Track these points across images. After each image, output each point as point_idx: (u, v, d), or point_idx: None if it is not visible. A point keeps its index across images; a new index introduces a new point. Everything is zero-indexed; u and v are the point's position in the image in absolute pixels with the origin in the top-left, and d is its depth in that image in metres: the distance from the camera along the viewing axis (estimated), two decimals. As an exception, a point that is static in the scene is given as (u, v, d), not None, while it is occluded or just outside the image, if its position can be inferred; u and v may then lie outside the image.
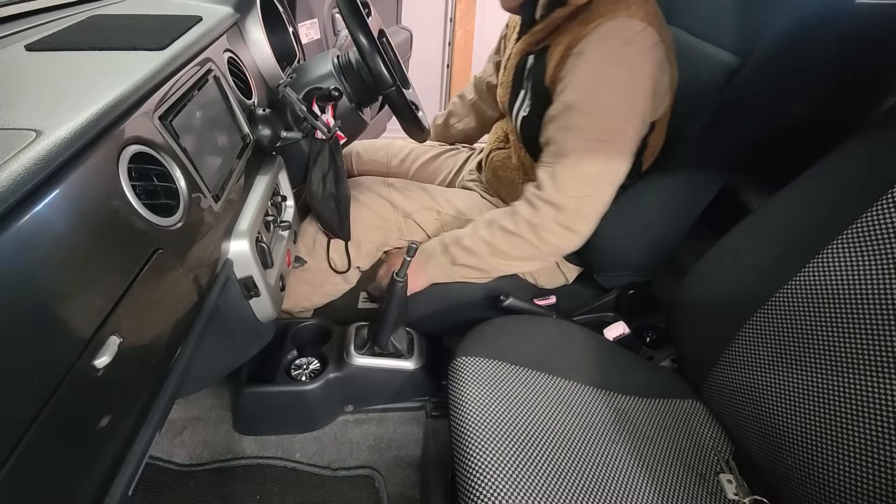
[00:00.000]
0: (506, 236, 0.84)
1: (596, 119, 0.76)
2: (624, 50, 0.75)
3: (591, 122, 0.77)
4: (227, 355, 0.81)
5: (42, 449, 0.34)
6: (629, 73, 0.76)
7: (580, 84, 0.77)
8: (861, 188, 0.61)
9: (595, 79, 0.76)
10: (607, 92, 0.76)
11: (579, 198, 0.79)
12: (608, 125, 0.77)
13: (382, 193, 1.01)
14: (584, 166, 0.78)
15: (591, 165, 0.78)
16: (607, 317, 1.06)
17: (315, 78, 0.85)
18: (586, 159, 0.78)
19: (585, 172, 0.78)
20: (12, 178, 0.34)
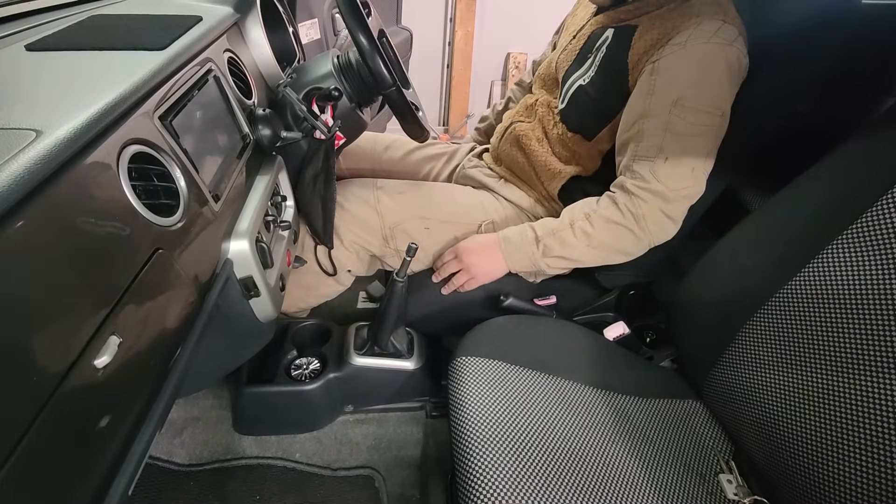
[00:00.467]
0: (609, 227, 0.84)
1: (701, 115, 0.78)
2: (727, 49, 0.77)
3: (697, 117, 0.78)
4: (227, 355, 0.80)
5: (42, 449, 0.34)
6: (728, 71, 0.78)
7: (686, 79, 0.78)
8: (861, 188, 0.61)
9: (701, 74, 0.78)
10: (712, 86, 0.78)
11: (683, 189, 0.81)
12: (710, 120, 0.79)
13: (370, 200, 0.99)
14: (689, 159, 0.80)
15: (695, 158, 0.80)
16: (607, 317, 1.06)
17: (315, 78, 0.85)
18: (692, 153, 0.80)
19: (692, 164, 0.80)
20: (12, 177, 0.34)
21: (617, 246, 0.86)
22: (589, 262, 0.88)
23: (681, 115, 0.78)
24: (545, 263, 0.88)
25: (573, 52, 0.95)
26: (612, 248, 0.86)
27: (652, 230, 0.83)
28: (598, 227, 0.84)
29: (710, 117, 0.79)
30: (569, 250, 0.86)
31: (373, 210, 0.98)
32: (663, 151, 0.79)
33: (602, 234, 0.84)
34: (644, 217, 0.82)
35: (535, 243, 0.87)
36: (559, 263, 0.88)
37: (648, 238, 0.84)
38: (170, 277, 0.51)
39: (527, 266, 0.90)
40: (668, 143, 0.79)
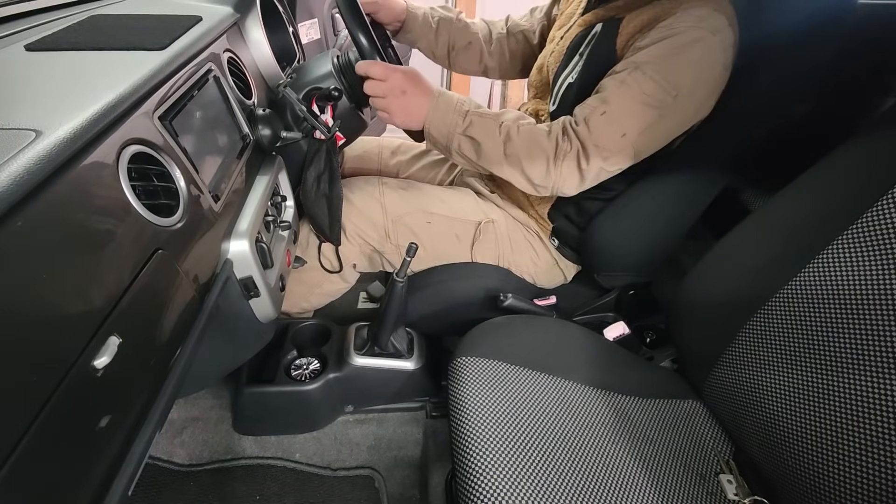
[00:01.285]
0: (531, 143, 0.80)
1: (656, 86, 0.76)
2: (710, 38, 0.75)
3: (650, 86, 0.76)
4: (227, 355, 0.80)
5: (42, 449, 0.34)
6: (706, 61, 0.76)
7: (656, 51, 0.76)
8: (861, 188, 0.61)
9: (674, 51, 0.75)
10: (680, 67, 0.75)
11: (605, 149, 0.78)
12: (661, 95, 0.76)
13: (375, 194, 0.99)
14: (624, 123, 0.77)
15: (630, 125, 0.77)
16: (607, 317, 1.06)
17: (315, 78, 0.85)
18: (629, 118, 0.77)
19: (624, 129, 0.77)
20: (12, 177, 0.34)
21: (526, 166, 0.81)
22: (493, 166, 0.83)
23: (636, 79, 0.76)
24: (458, 142, 0.82)
25: (560, 53, 0.95)
26: (521, 167, 0.82)
27: (562, 173, 0.81)
28: (522, 136, 0.81)
29: (663, 93, 0.76)
30: (486, 139, 0.81)
31: (377, 203, 0.98)
32: (605, 104, 0.78)
33: (521, 145, 0.80)
34: (563, 155, 0.79)
35: (463, 114, 0.81)
36: (468, 150, 0.83)
37: (554, 178, 0.81)
38: (170, 278, 0.51)
39: (442, 133, 0.82)
40: (613, 98, 0.77)
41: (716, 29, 0.75)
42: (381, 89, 0.80)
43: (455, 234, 0.99)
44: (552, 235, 1.03)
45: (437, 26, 1.13)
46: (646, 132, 0.79)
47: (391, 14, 1.06)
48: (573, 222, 0.99)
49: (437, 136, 0.83)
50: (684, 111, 0.80)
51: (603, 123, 0.77)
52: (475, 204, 1.03)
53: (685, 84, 0.76)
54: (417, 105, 0.81)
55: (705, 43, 0.75)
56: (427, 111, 0.81)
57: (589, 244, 0.98)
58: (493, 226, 1.00)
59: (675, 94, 0.76)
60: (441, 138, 0.83)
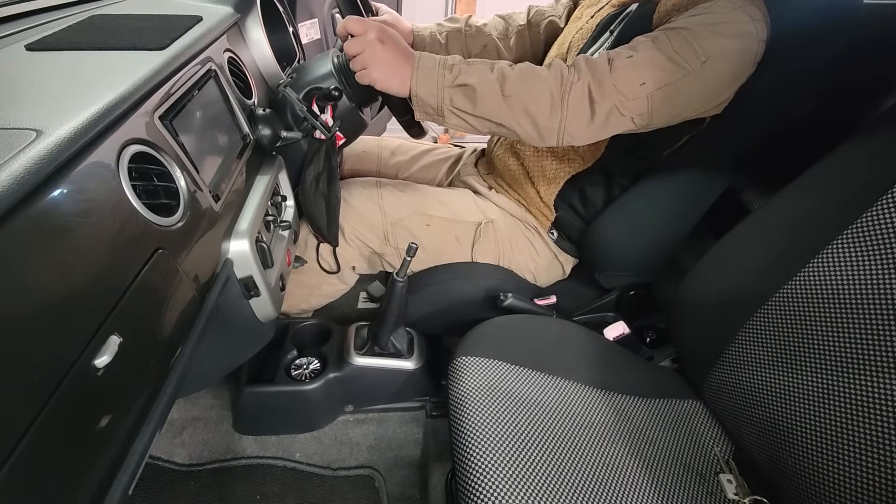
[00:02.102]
0: (531, 76, 0.74)
1: (687, 46, 0.73)
2: (749, 23, 0.74)
3: (681, 45, 0.73)
4: (227, 355, 0.80)
5: (42, 449, 0.34)
6: (741, 42, 0.75)
7: (694, 20, 0.74)
8: (861, 188, 0.61)
9: (712, 24, 0.74)
10: (715, 38, 0.73)
11: (621, 92, 0.73)
12: (693, 60, 0.73)
13: (373, 197, 0.99)
14: (646, 72, 0.73)
15: (652, 76, 0.73)
16: (607, 317, 1.06)
17: (315, 78, 0.85)
18: (653, 69, 0.73)
19: (644, 78, 0.73)
20: (13, 177, 0.34)
21: (529, 105, 0.73)
22: (493, 113, 0.75)
23: (669, 36, 0.74)
24: (449, 96, 0.74)
25: (588, 31, 0.92)
26: (523, 106, 0.74)
27: (569, 106, 0.73)
28: (518, 72, 0.74)
29: (692, 55, 0.73)
30: (479, 83, 0.73)
31: (375, 206, 0.98)
32: (634, 50, 0.74)
33: (519, 81, 0.73)
34: (570, 86, 0.73)
35: (448, 67, 0.75)
36: (462, 102, 0.75)
37: (560, 115, 0.74)
38: (170, 277, 0.51)
39: (429, 90, 0.75)
40: (642, 47, 0.74)
41: (754, 17, 0.74)
42: (359, 43, 0.74)
43: (455, 236, 0.99)
44: (552, 228, 1.02)
45: (446, 41, 1.10)
46: (665, 89, 0.74)
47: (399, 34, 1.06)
48: (577, 213, 0.99)
49: (424, 97, 0.75)
50: (707, 83, 0.76)
51: (626, 65, 0.73)
52: (474, 204, 1.03)
53: (716, 55, 0.73)
54: (397, 63, 0.74)
55: (743, 26, 0.74)
56: (410, 70, 0.75)
57: (591, 243, 0.98)
58: (493, 226, 1.00)
59: (704, 60, 0.73)
60: (430, 97, 0.75)
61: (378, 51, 0.73)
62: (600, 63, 0.74)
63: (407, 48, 0.76)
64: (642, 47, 0.75)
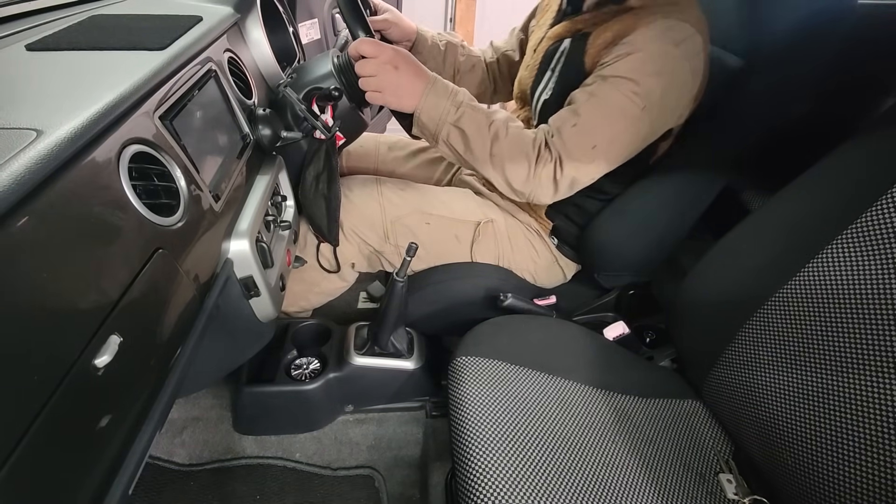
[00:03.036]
0: (516, 148, 0.80)
1: (624, 98, 0.77)
2: (672, 50, 0.77)
3: (617, 98, 0.77)
4: (227, 355, 0.80)
5: (42, 449, 0.34)
6: (670, 72, 0.77)
7: (621, 66, 0.78)
8: (861, 188, 0.61)
9: (637, 65, 0.77)
10: (645, 78, 0.77)
11: (577, 161, 0.79)
12: (633, 109, 0.77)
13: (373, 195, 0.99)
14: (593, 135, 0.78)
15: (600, 137, 0.79)
16: (607, 317, 1.06)
17: (315, 78, 0.86)
18: (599, 130, 0.78)
19: (594, 141, 0.78)
20: (13, 177, 0.34)
21: (508, 169, 0.81)
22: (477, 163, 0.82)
23: (605, 92, 0.78)
24: (447, 131, 0.80)
25: (534, 68, 0.96)
26: (503, 168, 0.81)
27: (540, 180, 0.81)
28: (509, 139, 0.80)
29: (632, 105, 0.77)
30: (475, 134, 0.80)
31: (376, 203, 0.98)
32: (576, 115, 0.79)
33: (507, 147, 0.80)
34: (544, 164, 0.80)
35: (456, 104, 0.80)
36: (456, 141, 0.81)
37: (532, 185, 0.82)
38: (170, 277, 0.51)
39: (433, 118, 0.80)
40: (583, 110, 0.79)
41: (678, 40, 0.77)
42: (372, 66, 0.77)
43: (454, 235, 0.99)
44: (551, 234, 1.03)
45: (444, 49, 1.15)
46: (616, 142, 0.80)
47: (401, 33, 1.07)
48: (573, 221, 0.99)
49: (426, 122, 0.80)
50: (654, 120, 0.81)
51: (573, 135, 0.79)
52: (474, 204, 1.03)
53: (652, 96, 0.78)
54: (411, 84, 0.78)
55: (667, 56, 0.77)
56: (422, 93, 0.78)
57: (589, 244, 0.98)
58: (493, 225, 1.00)
59: (643, 106, 0.78)
60: (431, 124, 0.80)
61: (392, 77, 0.77)
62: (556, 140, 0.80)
63: (420, 69, 0.80)
64: (583, 110, 0.79)
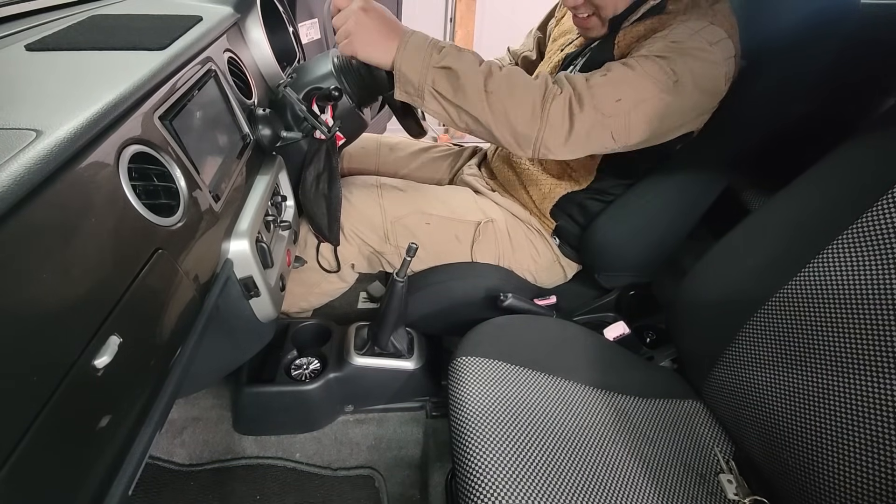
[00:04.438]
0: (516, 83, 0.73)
1: (657, 67, 0.74)
2: (708, 48, 0.75)
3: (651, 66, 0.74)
4: (227, 355, 0.80)
5: (42, 449, 0.34)
6: (704, 67, 0.76)
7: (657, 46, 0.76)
8: (861, 188, 0.61)
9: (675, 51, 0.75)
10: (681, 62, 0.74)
11: (599, 108, 0.73)
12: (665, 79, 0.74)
13: (373, 195, 0.99)
14: (622, 89, 0.74)
15: (628, 93, 0.74)
16: (607, 317, 1.06)
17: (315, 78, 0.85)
18: (628, 86, 0.74)
19: (620, 94, 0.74)
20: (13, 177, 0.34)
21: (509, 107, 0.72)
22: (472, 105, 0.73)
23: (638, 60, 0.76)
24: (432, 77, 0.72)
25: (557, 66, 0.96)
26: (503, 107, 0.72)
27: (549, 117, 0.73)
28: (506, 73, 0.73)
29: (664, 74, 0.74)
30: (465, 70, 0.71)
31: (376, 204, 0.98)
32: (608, 70, 0.76)
33: (505, 82, 0.72)
34: (553, 97, 0.72)
35: (438, 48, 0.72)
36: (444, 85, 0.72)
37: (539, 124, 0.73)
38: (170, 277, 0.51)
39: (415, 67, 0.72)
40: (615, 67, 0.76)
41: (712, 40, 0.76)
42: (343, 15, 0.72)
43: (455, 235, 0.99)
44: (553, 234, 1.03)
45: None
46: (642, 105, 0.75)
47: None
48: (576, 222, 0.99)
49: (408, 72, 0.72)
50: (681, 100, 0.77)
51: (602, 82, 0.74)
52: (474, 203, 1.03)
53: (684, 74, 0.75)
54: (383, 33, 0.72)
55: (703, 52, 0.76)
56: (399, 39, 0.72)
57: (590, 244, 0.98)
58: (493, 225, 1.00)
59: (676, 80, 0.74)
60: (413, 74, 0.72)
61: (361, 20, 0.71)
62: (578, 79, 0.75)
63: (395, 22, 0.73)
64: (615, 67, 0.77)
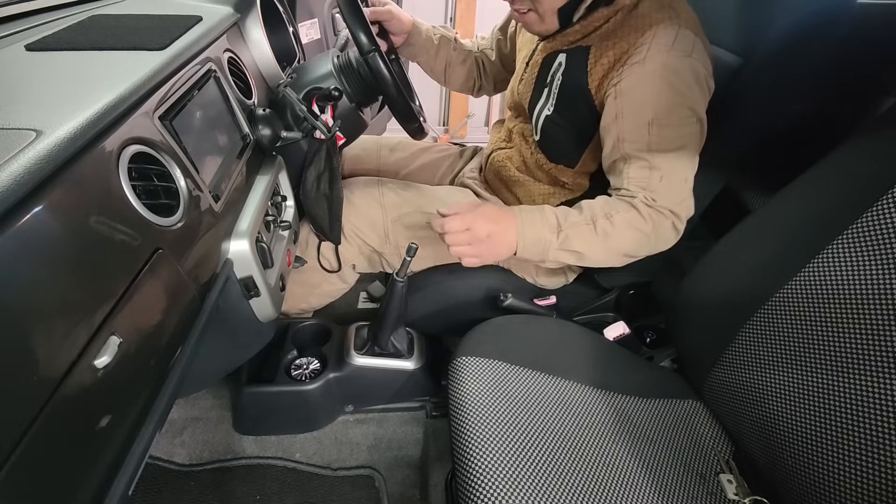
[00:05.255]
0: (630, 231, 0.80)
1: (679, 129, 0.78)
2: (686, 60, 0.76)
3: (675, 132, 0.78)
4: (227, 355, 0.81)
5: (42, 449, 0.34)
6: (695, 79, 0.77)
7: (654, 97, 0.77)
8: (861, 188, 0.61)
9: (668, 88, 0.76)
10: (683, 97, 0.76)
11: (683, 201, 0.81)
12: (688, 130, 0.78)
13: (374, 195, 0.99)
14: (680, 172, 0.79)
15: (685, 169, 0.80)
16: (607, 317, 1.06)
17: (315, 78, 0.86)
18: (680, 164, 0.79)
19: (684, 176, 0.80)
20: (12, 177, 0.34)
21: (630, 250, 0.82)
22: (597, 261, 0.83)
23: (660, 134, 0.77)
24: (554, 255, 0.81)
25: (531, 82, 0.94)
26: (624, 251, 0.82)
27: (661, 242, 0.82)
28: (619, 229, 0.79)
29: (688, 127, 0.78)
30: (585, 245, 0.80)
31: (377, 203, 0.98)
32: (654, 169, 0.78)
33: (622, 236, 0.80)
34: (660, 227, 0.80)
35: (556, 231, 0.80)
36: (567, 258, 0.82)
37: (654, 247, 0.83)
38: (170, 277, 0.51)
39: (536, 252, 0.81)
40: (656, 162, 0.78)
41: (686, 49, 0.76)
42: (465, 238, 0.78)
43: None
44: None
45: (438, 43, 1.14)
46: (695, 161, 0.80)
47: (400, 26, 1.06)
48: None
49: (530, 257, 0.82)
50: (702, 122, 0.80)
51: (666, 187, 0.79)
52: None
53: (697, 106, 0.78)
54: (504, 241, 0.79)
55: (686, 67, 0.76)
56: (515, 242, 0.79)
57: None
58: (494, 226, 1.00)
59: (696, 119, 0.78)
60: (535, 257, 0.82)
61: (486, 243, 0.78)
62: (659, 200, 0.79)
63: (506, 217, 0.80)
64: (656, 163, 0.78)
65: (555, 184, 0.97)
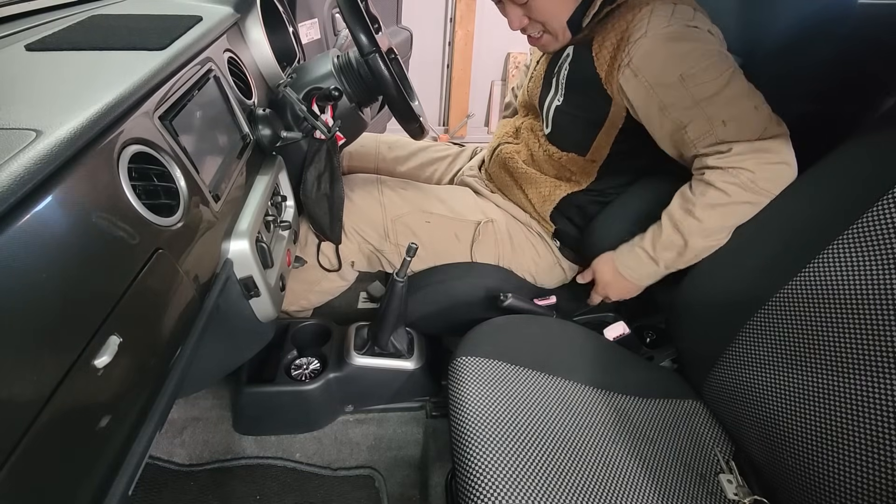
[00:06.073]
0: (717, 210, 0.77)
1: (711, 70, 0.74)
2: (689, 29, 0.74)
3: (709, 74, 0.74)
4: (227, 355, 0.80)
5: (42, 449, 0.34)
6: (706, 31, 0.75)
7: (671, 57, 0.74)
8: (861, 188, 0.61)
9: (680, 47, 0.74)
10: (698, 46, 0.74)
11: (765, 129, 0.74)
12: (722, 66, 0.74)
13: (374, 194, 1.00)
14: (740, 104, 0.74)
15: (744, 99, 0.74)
16: (607, 317, 1.05)
17: (315, 78, 0.86)
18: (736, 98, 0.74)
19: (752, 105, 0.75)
20: (12, 177, 0.34)
21: (735, 221, 0.78)
22: (714, 245, 0.80)
23: (698, 82, 0.74)
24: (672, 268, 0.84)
25: (539, 78, 0.96)
26: (730, 226, 0.78)
27: (768, 186, 0.74)
28: (706, 215, 0.77)
29: (721, 65, 0.74)
30: (687, 251, 0.80)
31: (376, 202, 0.98)
32: (714, 119, 0.74)
33: (714, 219, 0.77)
34: (753, 181, 0.74)
35: (653, 263, 0.84)
36: (681, 265, 0.83)
37: (767, 194, 0.75)
38: (170, 277, 0.51)
39: (655, 277, 0.87)
40: (710, 110, 0.74)
41: (687, 19, 0.75)
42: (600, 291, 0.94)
43: (454, 234, 0.99)
44: (554, 237, 1.03)
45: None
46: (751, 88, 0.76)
47: None
48: (575, 224, 0.99)
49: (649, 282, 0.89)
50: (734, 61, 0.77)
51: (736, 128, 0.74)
52: (474, 204, 1.03)
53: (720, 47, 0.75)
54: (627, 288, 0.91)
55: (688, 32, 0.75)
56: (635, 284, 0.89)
57: (589, 244, 0.98)
58: (493, 225, 1.00)
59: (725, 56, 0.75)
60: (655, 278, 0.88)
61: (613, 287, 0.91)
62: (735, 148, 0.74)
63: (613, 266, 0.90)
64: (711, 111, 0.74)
65: (561, 177, 0.98)
